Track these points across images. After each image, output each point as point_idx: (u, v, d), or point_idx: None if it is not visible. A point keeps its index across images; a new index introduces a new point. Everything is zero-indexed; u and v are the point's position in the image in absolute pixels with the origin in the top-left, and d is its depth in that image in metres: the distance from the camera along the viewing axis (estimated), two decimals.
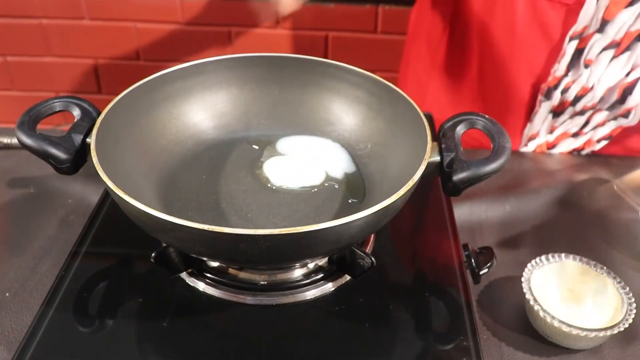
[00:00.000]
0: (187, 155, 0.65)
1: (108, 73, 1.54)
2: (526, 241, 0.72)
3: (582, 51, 0.81)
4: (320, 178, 0.63)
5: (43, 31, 1.47)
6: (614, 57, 0.80)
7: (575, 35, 0.79)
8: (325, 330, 0.54)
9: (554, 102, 0.87)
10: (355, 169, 0.65)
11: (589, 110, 0.87)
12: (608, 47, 0.79)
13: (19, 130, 0.54)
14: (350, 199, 0.61)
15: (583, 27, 0.79)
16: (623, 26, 0.77)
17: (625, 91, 0.82)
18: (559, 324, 0.56)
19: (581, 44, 0.80)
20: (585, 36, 0.79)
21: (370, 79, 0.65)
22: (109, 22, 1.45)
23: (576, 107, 0.87)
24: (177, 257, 0.54)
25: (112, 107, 0.58)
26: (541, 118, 0.90)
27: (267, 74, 0.69)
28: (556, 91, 0.85)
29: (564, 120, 0.90)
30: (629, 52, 0.79)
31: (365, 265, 0.52)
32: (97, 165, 0.50)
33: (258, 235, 0.44)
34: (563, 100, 0.87)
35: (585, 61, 0.81)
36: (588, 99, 0.85)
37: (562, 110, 0.88)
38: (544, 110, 0.88)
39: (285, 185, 0.62)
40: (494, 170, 0.53)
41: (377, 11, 1.40)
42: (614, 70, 0.81)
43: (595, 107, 0.86)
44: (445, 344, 0.53)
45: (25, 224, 0.71)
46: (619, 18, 0.76)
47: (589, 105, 0.86)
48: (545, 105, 0.88)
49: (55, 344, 0.51)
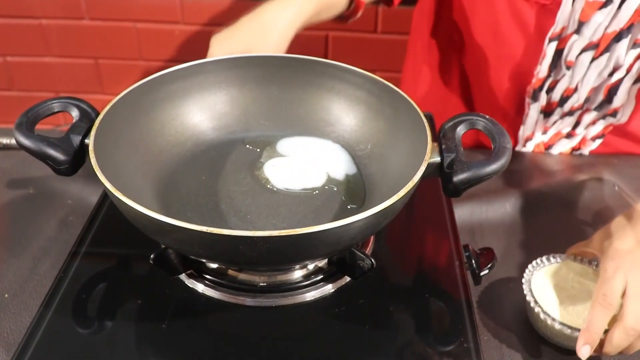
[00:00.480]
0: (186, 156, 0.65)
1: (108, 73, 1.54)
2: (527, 242, 0.72)
3: (561, 52, 0.81)
4: (321, 180, 0.63)
5: (43, 31, 1.47)
6: (594, 58, 0.80)
7: (554, 36, 0.79)
8: (325, 332, 0.53)
9: (541, 102, 0.87)
10: (356, 170, 0.65)
11: (577, 110, 0.87)
12: (587, 48, 0.79)
13: (17, 132, 0.54)
14: (350, 205, 0.60)
15: (561, 27, 0.79)
16: (599, 27, 0.77)
17: (611, 91, 0.83)
18: (560, 327, 0.56)
19: (560, 45, 0.80)
20: (564, 37, 0.79)
21: (370, 79, 0.64)
22: (108, 22, 1.45)
23: (564, 107, 0.87)
24: (176, 259, 0.54)
25: (110, 107, 0.57)
26: (532, 119, 0.90)
27: (267, 74, 0.69)
28: (541, 92, 0.86)
29: (554, 120, 0.90)
30: (608, 53, 0.79)
31: (365, 267, 0.52)
32: (95, 166, 0.50)
33: (257, 237, 0.44)
34: (550, 101, 0.87)
35: (567, 62, 0.81)
36: (574, 100, 0.85)
37: (551, 110, 0.88)
38: (534, 111, 0.89)
39: (287, 188, 0.62)
40: (494, 171, 0.53)
41: (377, 11, 1.40)
42: (596, 72, 0.81)
43: (583, 108, 0.87)
44: (446, 345, 0.52)
45: (25, 225, 0.71)
46: (594, 19, 0.76)
47: (576, 106, 0.86)
48: (534, 106, 0.88)
49: (54, 345, 0.51)
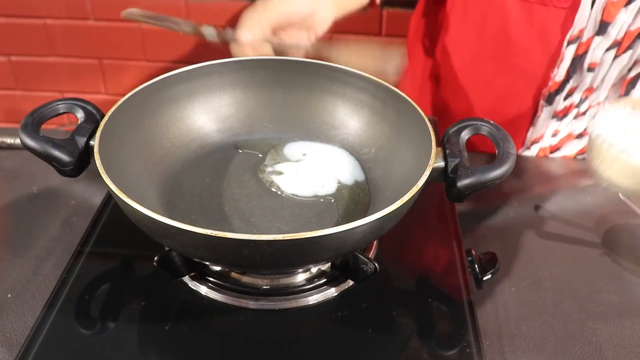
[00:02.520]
0: (191, 158, 0.65)
1: (112, 74, 1.54)
2: (529, 247, 0.72)
3: (583, 56, 0.80)
4: (332, 187, 0.63)
5: (47, 31, 1.47)
6: (616, 56, 0.80)
7: (573, 38, 0.79)
8: (328, 336, 0.53)
9: (555, 106, 0.87)
10: (363, 176, 0.64)
11: (593, 109, 0.87)
12: (610, 47, 0.79)
13: (23, 133, 0.54)
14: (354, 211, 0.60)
15: (579, 30, 0.78)
16: (623, 26, 0.77)
17: (629, 85, 0.82)
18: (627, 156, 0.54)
19: (581, 49, 0.80)
20: (584, 41, 0.79)
21: (375, 83, 0.64)
22: (113, 23, 1.45)
23: (580, 108, 0.87)
24: (179, 261, 0.54)
25: (115, 109, 0.57)
26: (544, 122, 0.89)
27: (272, 77, 0.69)
28: (558, 96, 0.85)
29: (568, 122, 0.89)
30: (631, 50, 0.79)
31: (369, 271, 0.52)
32: (100, 168, 0.50)
33: (261, 241, 0.44)
34: (567, 105, 0.86)
35: (590, 65, 0.81)
36: (592, 99, 0.85)
37: (566, 113, 0.88)
38: (546, 114, 0.88)
39: (296, 194, 0.62)
40: (498, 177, 0.52)
41: (381, 14, 1.40)
42: (617, 69, 0.81)
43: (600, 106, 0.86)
44: (448, 349, 0.52)
45: (28, 225, 0.71)
46: (619, 18, 0.76)
47: (594, 104, 0.86)
48: (547, 109, 0.88)
49: (58, 346, 0.51)
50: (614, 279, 0.66)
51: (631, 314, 0.62)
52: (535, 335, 0.60)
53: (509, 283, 0.66)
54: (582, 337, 0.60)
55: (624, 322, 0.61)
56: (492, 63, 0.89)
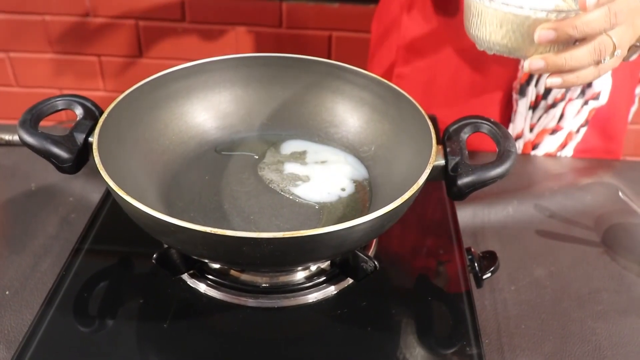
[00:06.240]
0: (190, 156, 0.65)
1: (111, 70, 1.54)
2: (529, 245, 0.71)
3: None
4: (333, 185, 0.62)
5: (46, 28, 1.47)
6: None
7: None
8: (327, 334, 0.53)
9: (530, 98, 0.88)
10: (363, 174, 0.64)
11: (560, 102, 0.88)
12: None
13: (21, 129, 0.53)
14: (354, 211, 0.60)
15: None
16: None
17: None
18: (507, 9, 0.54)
19: None
20: None
21: (375, 81, 0.64)
22: (112, 20, 1.45)
23: (547, 99, 0.87)
24: (178, 259, 0.54)
25: (114, 106, 0.57)
26: (522, 117, 0.90)
27: (271, 74, 0.68)
28: (529, 87, 0.86)
29: (540, 115, 0.90)
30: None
31: (368, 269, 0.52)
32: (99, 165, 0.50)
33: (261, 239, 0.43)
34: (537, 94, 0.87)
35: None
36: (556, 90, 0.86)
37: (537, 104, 0.89)
38: (523, 108, 0.89)
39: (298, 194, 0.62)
40: (499, 175, 0.52)
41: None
42: None
43: (565, 98, 0.87)
44: (448, 348, 0.52)
45: (26, 222, 0.71)
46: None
47: (559, 96, 0.87)
48: (522, 102, 0.88)
49: (56, 344, 0.51)
50: (613, 278, 0.66)
51: (631, 312, 0.62)
52: (535, 333, 0.60)
53: (508, 282, 0.66)
54: (582, 335, 0.60)
55: (623, 321, 0.61)
56: (459, 58, 0.89)
